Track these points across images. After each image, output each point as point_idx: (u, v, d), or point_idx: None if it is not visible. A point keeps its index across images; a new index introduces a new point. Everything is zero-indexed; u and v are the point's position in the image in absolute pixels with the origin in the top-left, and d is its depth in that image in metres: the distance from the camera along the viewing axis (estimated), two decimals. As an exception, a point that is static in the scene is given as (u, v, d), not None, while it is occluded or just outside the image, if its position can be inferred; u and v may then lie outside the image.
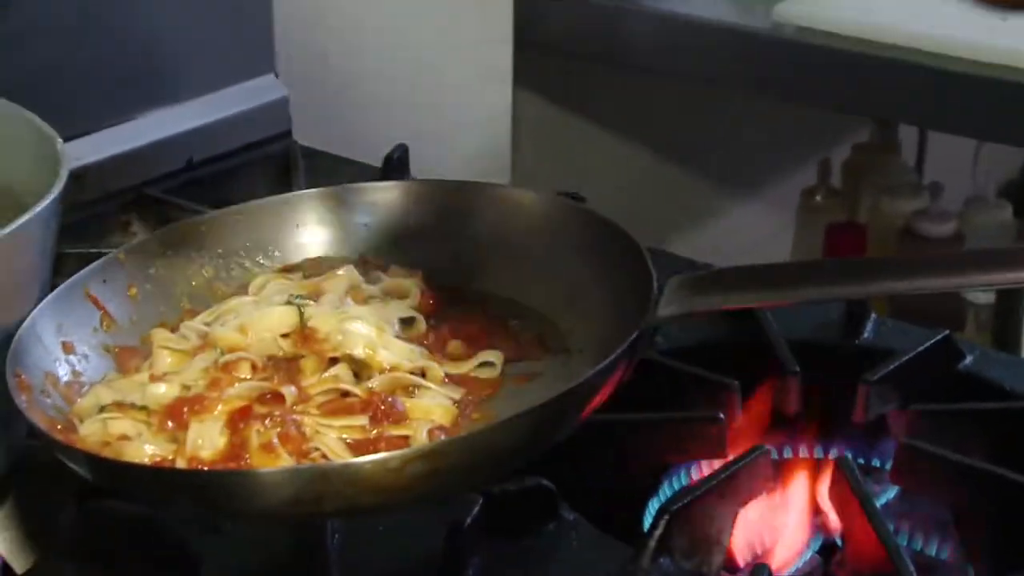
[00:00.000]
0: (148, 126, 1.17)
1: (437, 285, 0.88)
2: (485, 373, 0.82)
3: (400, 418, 0.77)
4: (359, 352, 0.79)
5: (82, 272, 0.84)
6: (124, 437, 0.77)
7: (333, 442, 0.75)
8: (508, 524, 0.80)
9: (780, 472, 0.87)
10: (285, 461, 0.74)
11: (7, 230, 0.75)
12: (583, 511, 0.83)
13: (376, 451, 0.75)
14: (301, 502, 0.70)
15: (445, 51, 1.45)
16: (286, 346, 0.81)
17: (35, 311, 0.79)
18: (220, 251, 0.88)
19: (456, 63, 1.47)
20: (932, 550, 0.84)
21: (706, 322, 0.97)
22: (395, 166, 1.17)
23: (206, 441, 0.75)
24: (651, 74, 1.58)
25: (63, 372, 0.79)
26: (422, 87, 1.43)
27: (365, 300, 0.85)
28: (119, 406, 0.79)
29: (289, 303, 0.83)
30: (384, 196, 0.91)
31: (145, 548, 0.80)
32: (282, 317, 0.82)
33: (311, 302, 0.84)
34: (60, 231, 0.82)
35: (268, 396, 0.77)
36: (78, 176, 1.05)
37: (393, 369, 0.79)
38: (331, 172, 1.19)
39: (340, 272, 0.87)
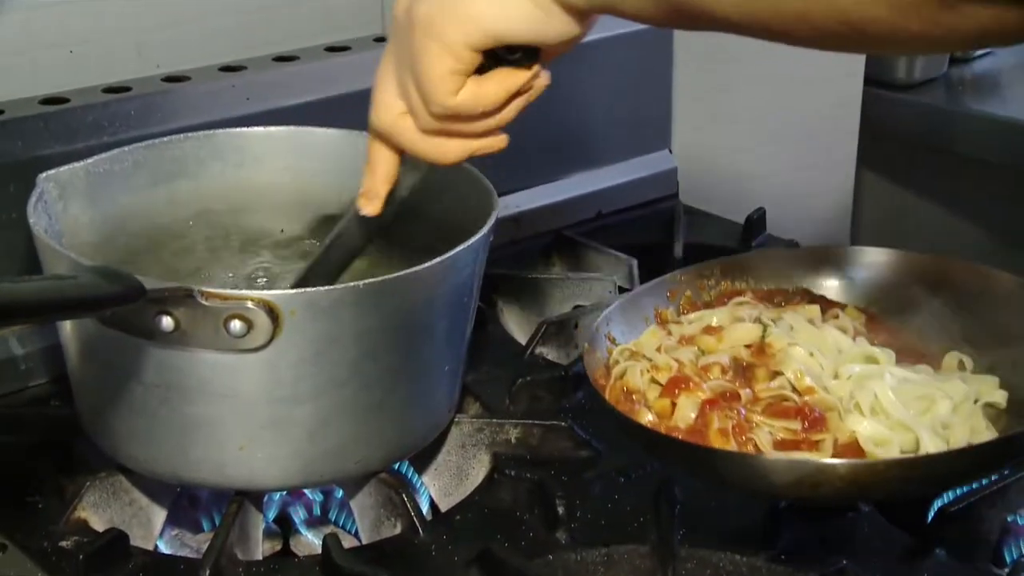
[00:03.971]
0: (569, 185, 1.32)
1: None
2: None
3: (823, 427, 0.85)
4: (789, 373, 0.89)
5: (643, 287, 0.98)
6: (637, 390, 0.89)
7: (765, 437, 0.84)
8: (815, 509, 0.88)
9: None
10: (731, 447, 0.83)
11: (453, 251, 0.88)
12: (877, 505, 0.89)
13: (797, 451, 0.83)
14: (802, 486, 0.79)
15: (802, 136, 1.51)
16: (746, 356, 0.92)
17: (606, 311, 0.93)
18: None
19: (810, 145, 1.52)
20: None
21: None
22: (755, 224, 1.27)
23: (685, 414, 0.86)
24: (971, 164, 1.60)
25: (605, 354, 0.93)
26: (781, 163, 1.50)
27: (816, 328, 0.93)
28: (633, 353, 0.92)
29: (759, 321, 0.94)
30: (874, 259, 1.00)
31: (532, 504, 0.90)
32: (750, 331, 0.93)
33: (772, 322, 0.93)
34: (501, 259, 0.95)
35: (729, 394, 0.88)
36: (515, 220, 1.24)
37: (807, 392, 0.87)
38: (704, 227, 1.31)
39: (800, 308, 0.97)
